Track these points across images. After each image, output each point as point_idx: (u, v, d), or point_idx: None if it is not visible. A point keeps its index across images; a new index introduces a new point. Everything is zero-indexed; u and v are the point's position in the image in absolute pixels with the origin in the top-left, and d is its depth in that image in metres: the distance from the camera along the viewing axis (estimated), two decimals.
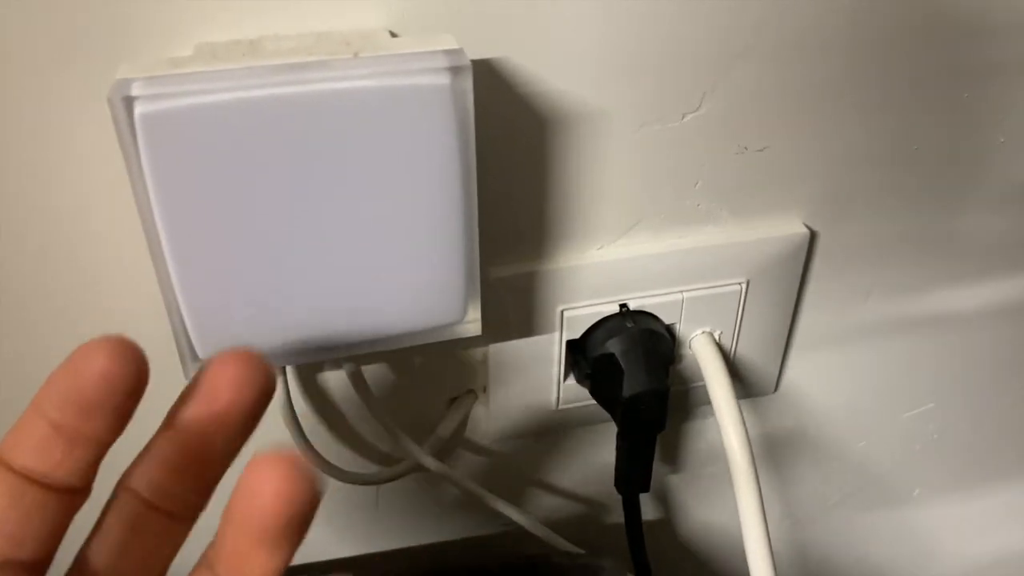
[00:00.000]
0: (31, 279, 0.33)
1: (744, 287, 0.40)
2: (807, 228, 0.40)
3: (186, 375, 0.31)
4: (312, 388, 0.39)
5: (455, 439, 0.43)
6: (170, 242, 0.28)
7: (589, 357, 0.39)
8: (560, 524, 0.48)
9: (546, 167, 0.35)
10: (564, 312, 0.39)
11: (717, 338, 0.41)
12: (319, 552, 0.46)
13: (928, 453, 0.54)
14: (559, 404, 0.42)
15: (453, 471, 0.40)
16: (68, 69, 0.29)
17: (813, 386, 0.48)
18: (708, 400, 0.40)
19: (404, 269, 0.30)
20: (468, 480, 0.41)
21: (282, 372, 0.35)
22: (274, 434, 0.40)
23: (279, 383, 0.35)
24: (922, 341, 0.48)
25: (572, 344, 0.40)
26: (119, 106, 0.25)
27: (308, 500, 0.20)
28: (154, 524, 0.22)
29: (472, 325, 0.33)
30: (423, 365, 0.40)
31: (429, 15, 0.31)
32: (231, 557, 0.21)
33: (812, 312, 0.44)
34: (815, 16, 0.34)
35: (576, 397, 0.42)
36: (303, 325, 0.31)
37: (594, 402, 0.41)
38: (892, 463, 0.54)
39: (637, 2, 0.32)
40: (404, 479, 0.41)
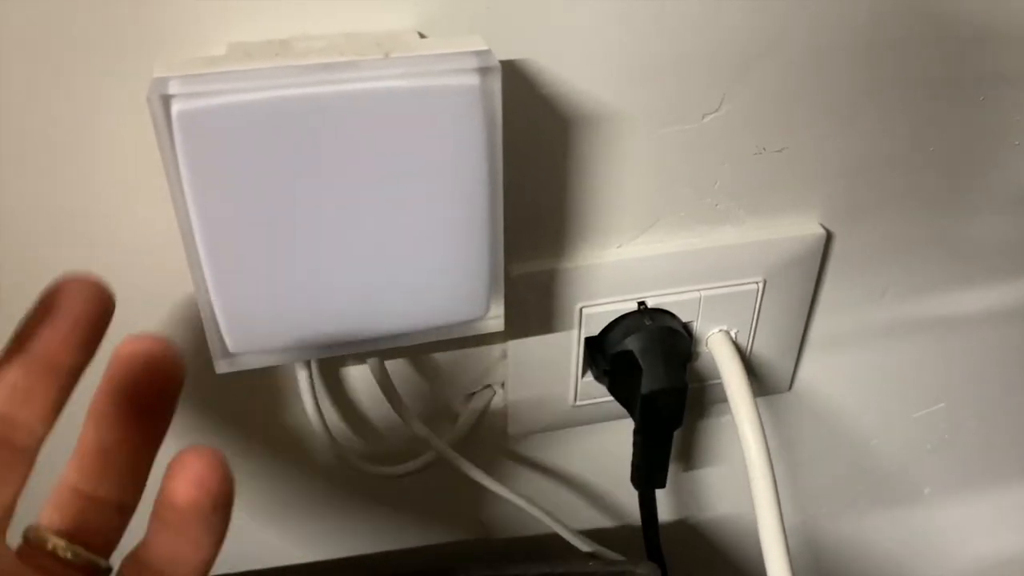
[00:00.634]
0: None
1: (761, 286, 0.41)
2: (824, 229, 0.41)
3: (217, 369, 0.32)
4: (335, 383, 0.40)
5: (473, 434, 0.43)
6: (204, 237, 0.28)
7: (607, 354, 0.40)
8: (575, 518, 0.48)
9: (567, 166, 0.36)
10: (583, 309, 0.39)
11: (733, 336, 0.42)
12: (335, 548, 0.47)
13: (939, 452, 0.55)
14: (576, 400, 0.42)
15: (474, 466, 0.41)
16: (101, 68, 0.29)
17: (827, 385, 0.48)
18: (723, 398, 0.41)
19: (430, 265, 0.31)
20: (490, 475, 0.41)
21: (307, 366, 0.36)
22: (299, 427, 0.41)
23: (305, 378, 0.36)
24: (935, 342, 0.48)
25: (590, 341, 0.40)
26: (157, 104, 0.26)
27: (224, 490, 0.22)
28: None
29: (495, 321, 0.34)
30: (443, 361, 0.40)
31: (456, 17, 0.31)
32: (160, 551, 0.23)
33: (827, 312, 0.44)
34: (834, 18, 0.35)
35: (593, 394, 0.42)
36: (331, 321, 0.31)
37: (611, 399, 0.42)
38: (903, 462, 0.55)
39: (658, 5, 0.33)
40: (423, 475, 0.42)
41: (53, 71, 0.29)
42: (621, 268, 0.39)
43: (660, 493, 0.45)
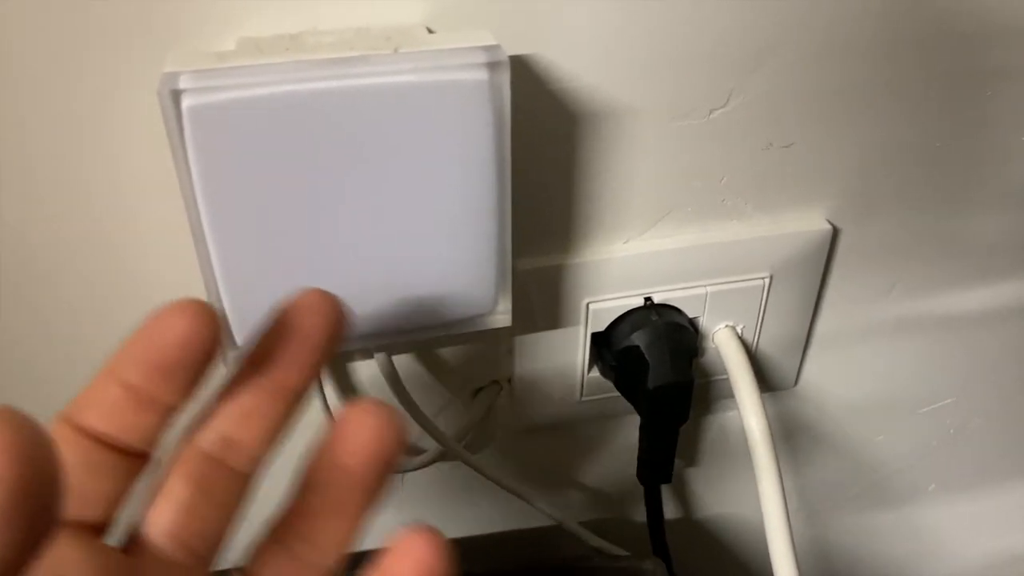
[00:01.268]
0: (71, 268, 0.34)
1: (767, 282, 0.41)
2: (830, 224, 0.41)
3: (224, 361, 0.32)
4: (343, 377, 0.40)
5: (479, 429, 0.43)
6: (213, 231, 0.28)
7: (614, 349, 0.40)
8: (580, 514, 0.48)
9: (574, 162, 0.36)
10: (590, 305, 0.39)
11: (740, 332, 0.42)
12: None
13: (945, 449, 0.55)
14: (583, 396, 0.43)
15: (481, 461, 0.41)
16: (112, 64, 0.30)
17: (832, 380, 0.48)
18: (729, 393, 0.41)
19: (438, 260, 0.31)
20: (496, 470, 0.41)
21: None
22: (308, 421, 0.41)
23: None
24: (941, 338, 0.48)
25: (597, 336, 0.41)
26: (167, 98, 0.26)
27: (394, 451, 0.21)
28: (222, 481, 0.21)
29: (502, 316, 0.34)
30: (450, 356, 0.41)
31: (464, 12, 0.31)
32: (306, 523, 0.22)
33: (833, 307, 0.44)
34: (841, 15, 0.35)
35: (600, 389, 0.42)
36: None
37: (617, 394, 0.42)
38: (909, 458, 0.55)
39: (666, 0, 0.33)
40: (430, 469, 0.42)
41: (64, 68, 0.29)
42: (628, 263, 0.39)
43: (665, 488, 0.45)
